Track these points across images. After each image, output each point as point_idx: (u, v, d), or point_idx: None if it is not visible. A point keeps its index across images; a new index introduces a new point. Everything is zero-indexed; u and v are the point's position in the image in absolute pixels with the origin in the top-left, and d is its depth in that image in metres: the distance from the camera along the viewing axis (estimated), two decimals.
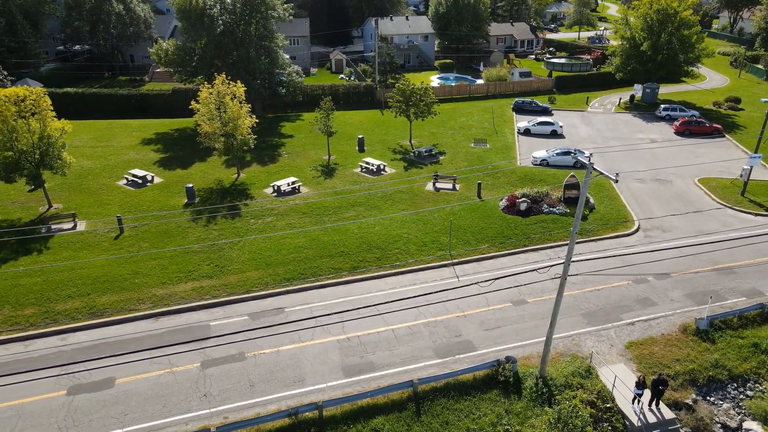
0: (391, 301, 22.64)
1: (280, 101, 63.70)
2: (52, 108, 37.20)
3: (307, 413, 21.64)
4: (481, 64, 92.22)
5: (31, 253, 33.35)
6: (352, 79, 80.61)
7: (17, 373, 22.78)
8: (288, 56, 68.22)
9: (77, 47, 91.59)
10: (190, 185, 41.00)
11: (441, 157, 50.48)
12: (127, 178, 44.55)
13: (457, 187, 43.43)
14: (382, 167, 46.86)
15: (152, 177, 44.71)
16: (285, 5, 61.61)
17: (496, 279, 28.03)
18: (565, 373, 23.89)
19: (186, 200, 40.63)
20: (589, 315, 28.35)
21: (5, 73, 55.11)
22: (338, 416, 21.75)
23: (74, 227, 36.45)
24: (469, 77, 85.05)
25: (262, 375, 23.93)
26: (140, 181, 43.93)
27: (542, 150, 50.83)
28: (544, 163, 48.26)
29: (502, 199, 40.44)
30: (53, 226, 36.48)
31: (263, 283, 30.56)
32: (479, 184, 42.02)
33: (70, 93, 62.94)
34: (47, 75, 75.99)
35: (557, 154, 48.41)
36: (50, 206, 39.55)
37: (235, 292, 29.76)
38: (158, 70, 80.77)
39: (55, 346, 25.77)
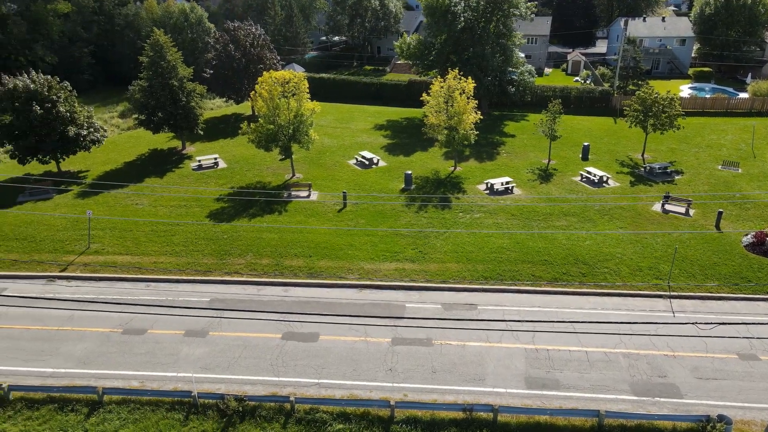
0: (591, 322, 21.24)
1: (507, 100, 63.42)
2: (308, 90, 42.89)
3: (481, 413, 21.73)
4: (749, 75, 79.08)
5: (273, 212, 39.15)
6: (587, 82, 76.23)
7: (249, 311, 27.23)
8: (523, 55, 67.46)
9: (336, 38, 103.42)
10: (409, 172, 43.56)
11: (677, 177, 45.05)
12: (356, 159, 49.21)
13: (691, 212, 38.38)
14: (604, 179, 43.71)
15: (378, 160, 48.63)
16: (528, 3, 60.80)
17: (721, 324, 24.30)
18: None
19: (403, 186, 43.32)
20: None
21: (278, 58, 64.95)
22: (512, 425, 21.39)
23: (308, 196, 41.69)
24: (730, 89, 73.69)
25: (444, 364, 24.65)
26: (367, 163, 48.15)
27: None
28: None
29: (746, 235, 34.63)
30: (293, 193, 42.22)
31: (460, 277, 31.23)
32: (720, 212, 36.52)
33: (324, 78, 71.53)
34: (309, 61, 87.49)
35: None
36: (293, 175, 45.78)
37: (433, 280, 30.98)
38: (399, 62, 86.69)
39: (279, 295, 30.03)
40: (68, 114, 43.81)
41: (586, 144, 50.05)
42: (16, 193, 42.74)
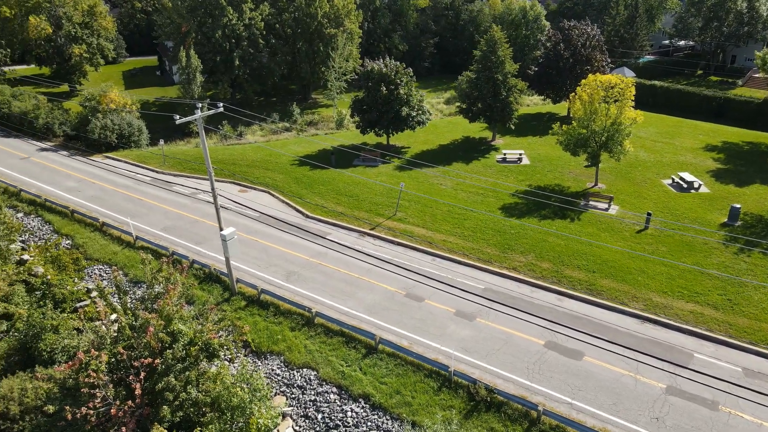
0: None
1: None
2: (633, 98, 39.81)
3: None
4: None
5: (565, 218, 38.13)
6: None
7: (518, 309, 27.53)
8: None
9: (681, 42, 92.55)
10: (738, 206, 36.86)
11: None
12: (673, 179, 43.87)
13: None
14: None
15: (699, 185, 42.46)
16: None
17: None
18: None
19: (725, 220, 36.99)
20: None
21: (608, 60, 61.57)
22: None
23: (607, 209, 39.16)
24: None
25: None
26: (685, 186, 42.49)
27: None
28: None
29: None
30: (591, 203, 40.23)
31: None
32: None
33: (655, 86, 65.27)
34: (642, 66, 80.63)
35: None
36: (595, 184, 43.50)
37: (738, 338, 26.05)
38: (757, 75, 72.97)
39: (551, 302, 29.40)
40: (405, 96, 50.27)
41: None
42: (353, 157, 51.31)
